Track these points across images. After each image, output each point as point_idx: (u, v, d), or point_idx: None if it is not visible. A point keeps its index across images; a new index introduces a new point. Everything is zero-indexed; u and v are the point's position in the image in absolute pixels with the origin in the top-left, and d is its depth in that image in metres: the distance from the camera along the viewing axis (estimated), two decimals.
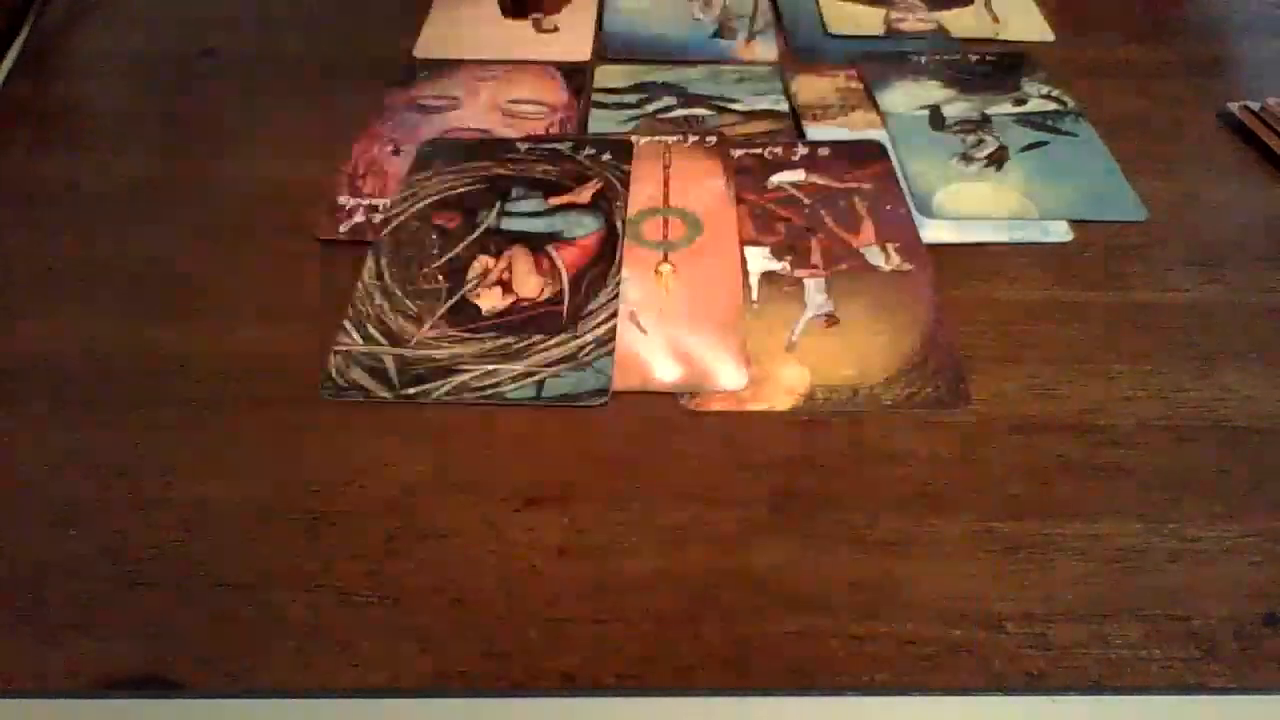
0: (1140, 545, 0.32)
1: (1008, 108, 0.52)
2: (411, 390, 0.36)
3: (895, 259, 0.42)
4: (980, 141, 0.49)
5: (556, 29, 0.59)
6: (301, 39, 0.58)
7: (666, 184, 0.46)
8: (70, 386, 0.37)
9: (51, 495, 0.33)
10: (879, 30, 0.59)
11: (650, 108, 0.52)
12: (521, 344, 0.38)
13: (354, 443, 0.35)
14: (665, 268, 0.42)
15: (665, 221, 0.44)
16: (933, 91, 0.53)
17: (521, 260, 0.42)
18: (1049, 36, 0.58)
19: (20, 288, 0.41)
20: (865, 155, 0.48)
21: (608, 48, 0.57)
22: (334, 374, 0.37)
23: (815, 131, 0.50)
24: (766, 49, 0.57)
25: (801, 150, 0.48)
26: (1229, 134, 0.50)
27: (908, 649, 0.29)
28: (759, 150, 0.48)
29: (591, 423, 0.36)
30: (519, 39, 0.58)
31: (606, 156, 0.48)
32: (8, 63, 0.55)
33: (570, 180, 0.46)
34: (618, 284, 0.41)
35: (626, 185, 0.46)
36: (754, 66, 0.56)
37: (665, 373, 0.37)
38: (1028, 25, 0.59)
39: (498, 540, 0.32)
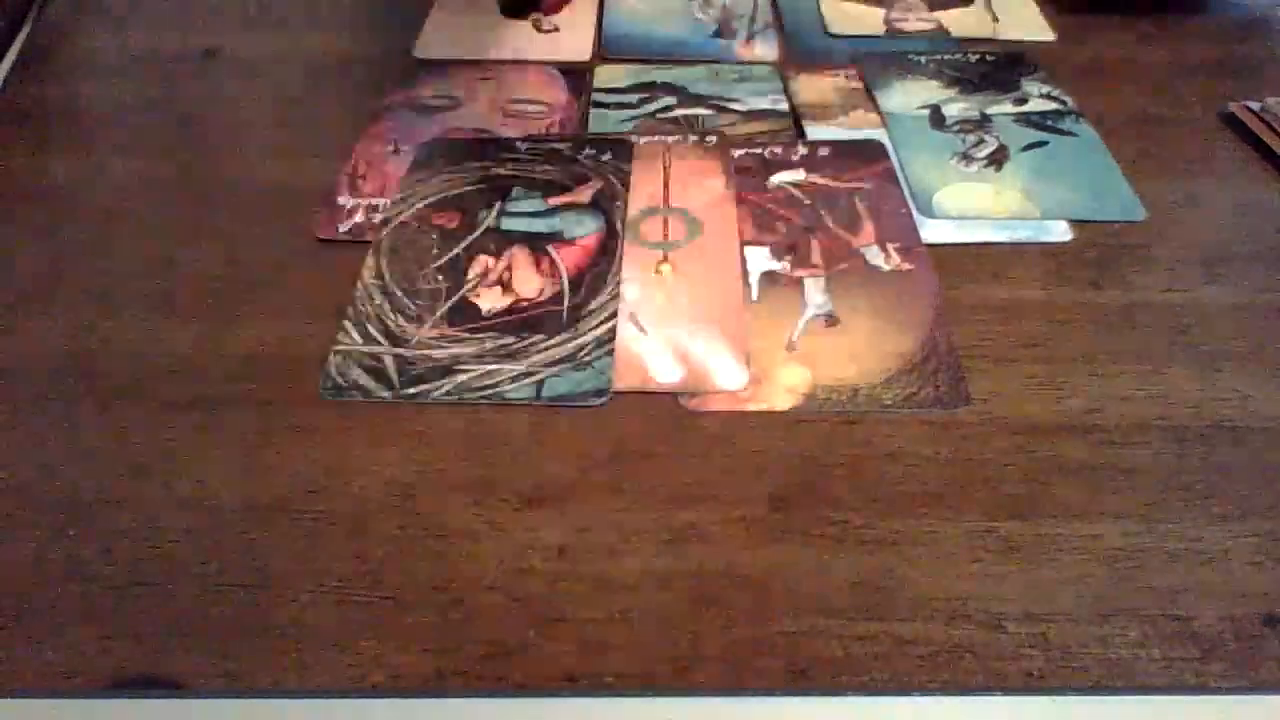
0: (1140, 545, 0.32)
1: (1008, 108, 0.52)
2: (411, 390, 0.36)
3: (895, 259, 0.42)
4: (980, 141, 0.49)
5: (556, 29, 0.59)
6: (302, 39, 0.58)
7: (666, 184, 0.46)
8: (70, 386, 0.37)
9: (51, 495, 0.33)
10: (879, 30, 0.59)
11: (650, 108, 0.52)
12: (521, 344, 0.38)
13: (354, 443, 0.35)
14: (665, 268, 0.42)
15: (665, 221, 0.44)
16: (933, 91, 0.53)
17: (521, 260, 0.42)
18: (1049, 36, 0.58)
19: (20, 288, 0.41)
20: (865, 155, 0.48)
21: (608, 48, 0.57)
22: (334, 374, 0.37)
23: (815, 131, 0.50)
24: (766, 49, 0.57)
25: (801, 150, 0.48)
26: (1229, 134, 0.50)
27: (908, 649, 0.29)
28: (759, 150, 0.48)
29: (591, 423, 0.36)
30: (519, 39, 0.58)
31: (606, 156, 0.48)
32: (8, 63, 0.55)
33: (570, 180, 0.46)
34: (618, 284, 0.41)
35: (626, 185, 0.46)
36: (754, 66, 0.56)
37: (665, 373, 0.37)
38: (1028, 25, 0.60)
39: (498, 540, 0.32)
